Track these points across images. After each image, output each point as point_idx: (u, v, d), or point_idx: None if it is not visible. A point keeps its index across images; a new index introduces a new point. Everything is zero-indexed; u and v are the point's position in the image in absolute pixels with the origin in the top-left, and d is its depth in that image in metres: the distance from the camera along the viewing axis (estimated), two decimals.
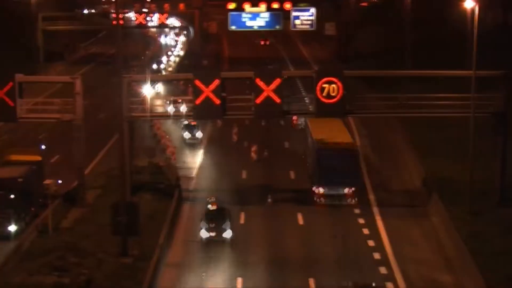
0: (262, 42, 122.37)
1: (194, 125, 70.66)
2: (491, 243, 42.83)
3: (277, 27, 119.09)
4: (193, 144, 69.86)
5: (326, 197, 52.37)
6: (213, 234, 45.00)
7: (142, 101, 53.14)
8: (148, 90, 52.47)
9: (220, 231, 44.95)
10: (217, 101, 50.15)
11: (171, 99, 70.58)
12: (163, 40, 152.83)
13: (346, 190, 52.15)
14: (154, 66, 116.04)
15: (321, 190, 52.36)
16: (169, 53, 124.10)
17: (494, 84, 51.39)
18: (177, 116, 56.45)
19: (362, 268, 42.55)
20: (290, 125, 75.01)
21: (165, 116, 64.63)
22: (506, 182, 50.35)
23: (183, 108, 56.29)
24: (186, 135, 70.62)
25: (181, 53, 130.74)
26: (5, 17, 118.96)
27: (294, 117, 71.86)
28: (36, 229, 45.96)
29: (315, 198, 52.48)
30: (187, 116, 55.45)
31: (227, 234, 45.04)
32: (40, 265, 39.85)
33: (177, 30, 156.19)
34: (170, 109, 61.58)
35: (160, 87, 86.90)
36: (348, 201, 52.23)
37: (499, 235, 43.95)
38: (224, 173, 58.57)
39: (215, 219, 45.40)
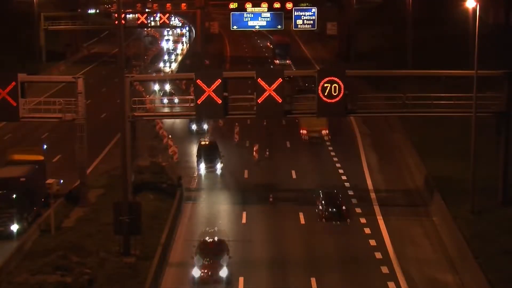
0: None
1: None
2: (494, 243, 42.78)
3: (279, 27, 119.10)
4: (195, 143, 69.84)
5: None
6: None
7: (145, 100, 53.15)
8: (150, 90, 52.57)
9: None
10: (219, 101, 50.15)
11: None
12: (164, 44, 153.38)
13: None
14: (161, 65, 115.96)
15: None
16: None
17: (497, 83, 51.38)
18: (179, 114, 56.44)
19: (364, 268, 42.59)
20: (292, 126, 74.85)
21: (168, 115, 64.82)
22: (508, 182, 50.32)
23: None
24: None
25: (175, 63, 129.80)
26: (8, 17, 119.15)
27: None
28: (39, 228, 46.03)
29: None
30: (188, 115, 55.51)
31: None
32: (43, 264, 39.83)
33: (178, 34, 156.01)
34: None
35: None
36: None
37: (501, 235, 43.89)
38: (226, 172, 58.54)
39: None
